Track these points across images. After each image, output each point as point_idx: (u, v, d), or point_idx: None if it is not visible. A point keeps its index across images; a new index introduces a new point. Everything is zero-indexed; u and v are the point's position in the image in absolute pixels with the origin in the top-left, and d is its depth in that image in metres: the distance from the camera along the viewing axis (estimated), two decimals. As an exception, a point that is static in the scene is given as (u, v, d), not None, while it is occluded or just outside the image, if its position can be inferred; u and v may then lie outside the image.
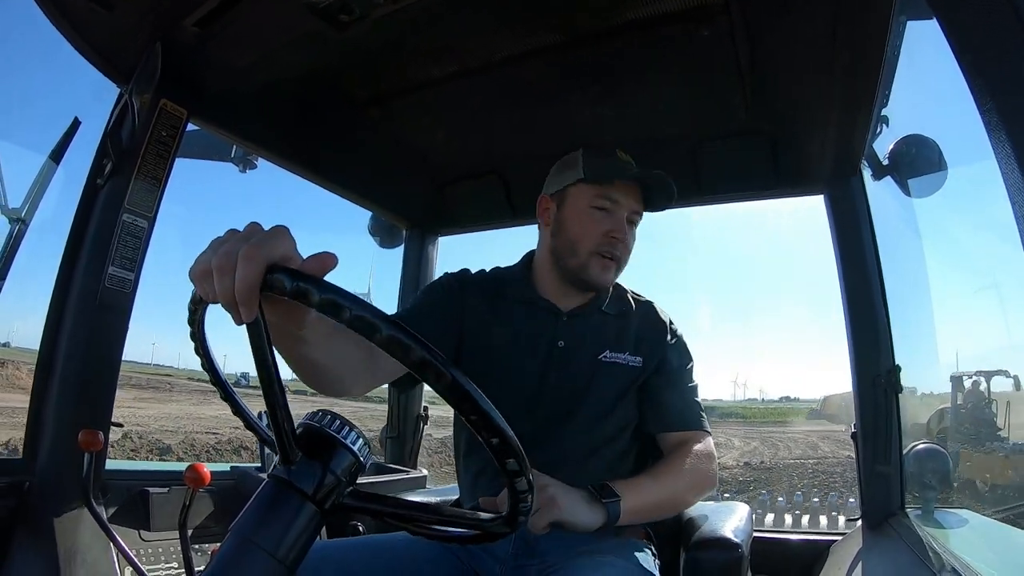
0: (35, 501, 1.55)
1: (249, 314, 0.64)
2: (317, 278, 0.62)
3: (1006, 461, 13.19)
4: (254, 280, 0.63)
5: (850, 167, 1.89)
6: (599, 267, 1.44)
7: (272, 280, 0.62)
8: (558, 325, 1.49)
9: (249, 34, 1.54)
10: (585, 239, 1.44)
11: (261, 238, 0.65)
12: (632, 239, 1.48)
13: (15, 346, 64.51)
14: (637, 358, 1.48)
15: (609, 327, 1.51)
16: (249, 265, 0.63)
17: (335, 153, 2.20)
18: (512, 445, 0.64)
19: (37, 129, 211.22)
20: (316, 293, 0.60)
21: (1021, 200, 0.61)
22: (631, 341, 1.50)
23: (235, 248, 0.64)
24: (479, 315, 1.50)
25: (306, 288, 0.60)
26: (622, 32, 1.55)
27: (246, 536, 0.65)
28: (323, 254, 0.67)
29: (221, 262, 0.65)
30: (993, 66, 0.66)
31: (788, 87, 1.72)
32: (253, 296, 0.63)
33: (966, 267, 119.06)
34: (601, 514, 1.23)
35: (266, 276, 0.62)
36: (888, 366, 1.81)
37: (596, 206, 1.44)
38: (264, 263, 0.63)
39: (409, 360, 0.59)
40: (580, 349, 1.47)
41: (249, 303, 0.64)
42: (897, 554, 1.54)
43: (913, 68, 1.56)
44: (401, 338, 0.59)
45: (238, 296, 0.64)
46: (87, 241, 1.63)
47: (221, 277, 0.65)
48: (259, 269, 0.63)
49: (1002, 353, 26.49)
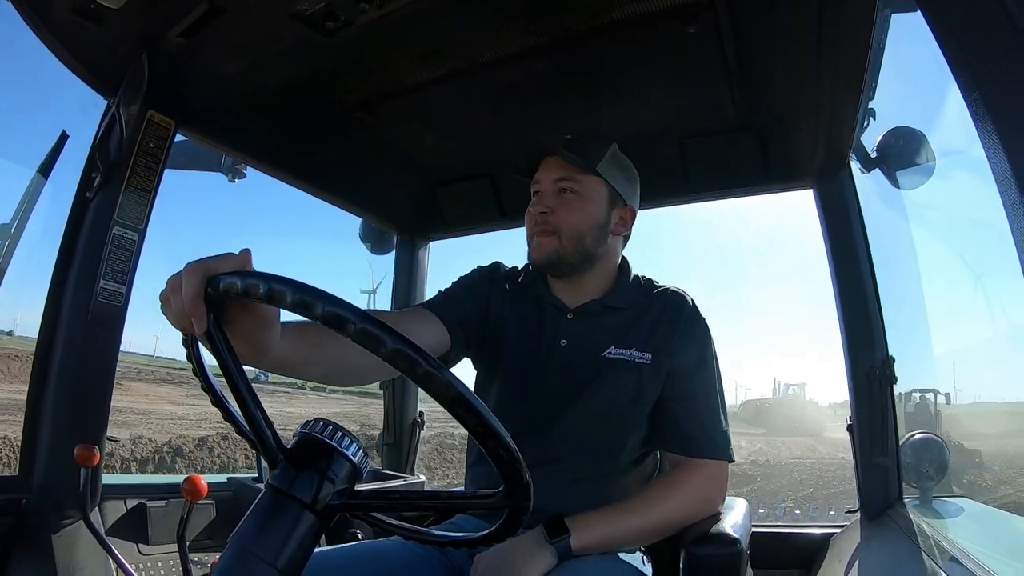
0: (32, 518, 1.54)
1: (200, 325, 0.69)
2: (259, 272, 0.65)
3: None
4: (196, 290, 0.68)
5: (839, 161, 1.90)
6: (534, 245, 1.44)
7: (221, 284, 0.66)
8: (562, 323, 1.47)
9: (235, 43, 1.54)
10: (527, 228, 1.48)
11: (206, 258, 0.71)
12: (567, 205, 1.43)
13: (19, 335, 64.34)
14: (645, 354, 1.39)
15: (617, 322, 1.45)
16: (190, 278, 0.68)
17: (324, 160, 2.20)
18: (501, 439, 0.64)
19: (24, 143, 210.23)
20: (262, 284, 0.63)
21: (1009, 188, 0.62)
22: (640, 336, 1.42)
23: (183, 269, 0.70)
24: (501, 309, 1.52)
25: (253, 283, 0.63)
26: (608, 31, 1.55)
27: (245, 547, 0.64)
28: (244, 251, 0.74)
29: (173, 281, 0.71)
30: (978, 57, 0.67)
31: (775, 82, 1.73)
32: (198, 305, 0.68)
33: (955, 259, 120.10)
34: (550, 556, 1.19)
35: (212, 285, 0.67)
36: (882, 358, 1.82)
37: (533, 193, 1.48)
38: (203, 274, 0.68)
39: (383, 352, 0.59)
40: (583, 347, 1.43)
41: (197, 313, 0.68)
42: (896, 544, 1.54)
43: (899, 60, 1.57)
44: (339, 312, 0.59)
45: (187, 310, 0.68)
46: (77, 255, 1.62)
47: (172, 298, 0.71)
48: (200, 279, 0.68)
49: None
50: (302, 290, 0.60)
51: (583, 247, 1.43)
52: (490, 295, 1.53)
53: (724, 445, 1.38)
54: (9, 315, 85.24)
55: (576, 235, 1.42)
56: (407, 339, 0.59)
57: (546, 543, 1.19)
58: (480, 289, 1.53)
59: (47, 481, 1.56)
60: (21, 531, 1.52)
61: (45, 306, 1.64)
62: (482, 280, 1.56)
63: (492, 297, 1.53)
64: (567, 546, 1.20)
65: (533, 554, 1.18)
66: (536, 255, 1.44)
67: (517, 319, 1.50)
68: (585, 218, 1.43)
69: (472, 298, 1.51)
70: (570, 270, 1.46)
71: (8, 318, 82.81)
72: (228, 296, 0.66)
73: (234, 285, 0.65)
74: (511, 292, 1.54)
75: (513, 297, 1.53)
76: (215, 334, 0.71)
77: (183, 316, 0.70)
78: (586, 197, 1.43)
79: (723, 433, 1.39)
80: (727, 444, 1.39)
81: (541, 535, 1.21)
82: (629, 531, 1.28)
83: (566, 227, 1.41)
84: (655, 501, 1.31)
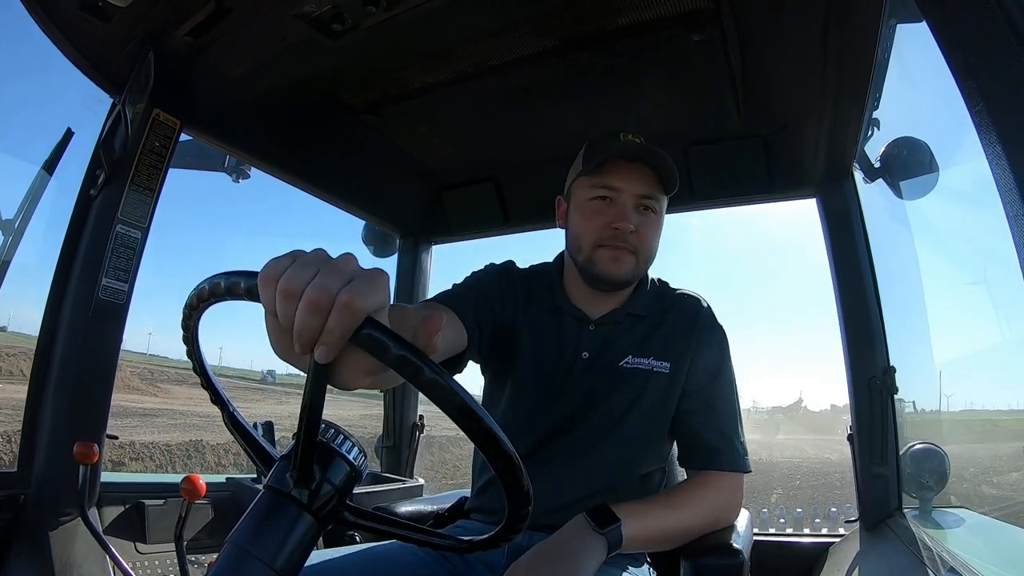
0: (30, 514, 1.54)
1: (328, 357, 0.59)
2: (422, 353, 0.59)
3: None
4: (349, 331, 0.58)
5: (842, 170, 1.90)
6: (607, 257, 1.33)
7: (373, 340, 0.58)
8: (583, 335, 1.41)
9: (242, 44, 1.54)
10: (587, 233, 1.35)
11: (361, 286, 0.58)
12: (649, 226, 1.35)
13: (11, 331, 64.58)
14: (664, 363, 1.36)
15: (637, 331, 1.41)
16: (349, 315, 0.57)
17: (329, 162, 2.21)
18: (507, 453, 0.64)
19: (30, 140, 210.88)
20: (426, 371, 0.58)
21: (1013, 200, 0.62)
22: (659, 344, 1.38)
23: (331, 285, 0.58)
24: (514, 311, 1.44)
25: (415, 363, 0.58)
26: (615, 38, 1.56)
27: (243, 547, 0.64)
28: (432, 316, 0.65)
29: (316, 297, 0.57)
30: (983, 68, 0.67)
31: (780, 91, 1.73)
32: (342, 344, 0.58)
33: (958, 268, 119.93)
34: (601, 546, 1.11)
35: (362, 331, 0.58)
36: (883, 367, 1.81)
37: (596, 196, 1.34)
38: (363, 316, 0.58)
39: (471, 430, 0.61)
40: (604, 359, 1.38)
41: (334, 349, 0.59)
42: (895, 555, 1.54)
43: (903, 71, 1.57)
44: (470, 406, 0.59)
45: (326, 339, 0.58)
46: (81, 252, 1.62)
47: (310, 314, 0.57)
48: (357, 322, 0.58)
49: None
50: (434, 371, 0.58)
51: (647, 268, 1.41)
52: (504, 297, 1.44)
53: (744, 456, 1.35)
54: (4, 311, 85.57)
55: (651, 257, 1.38)
56: (412, 345, 0.59)
57: (595, 532, 1.11)
58: (495, 289, 1.44)
59: (46, 478, 1.56)
60: (19, 527, 1.52)
61: (47, 302, 1.64)
62: (498, 280, 1.47)
63: (506, 299, 1.44)
64: (619, 536, 1.12)
65: (585, 546, 1.10)
66: (612, 270, 1.33)
67: (532, 326, 1.43)
68: (658, 240, 1.39)
69: (487, 298, 1.41)
70: (626, 287, 1.42)
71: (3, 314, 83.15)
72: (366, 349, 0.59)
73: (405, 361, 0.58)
74: (525, 295, 1.46)
75: (527, 301, 1.46)
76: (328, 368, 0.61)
77: (312, 342, 0.59)
78: (661, 217, 1.38)
79: (742, 444, 1.37)
80: (746, 455, 1.36)
81: (586, 525, 1.12)
82: (675, 527, 1.23)
83: (645, 249, 1.35)
84: (694, 500, 1.27)
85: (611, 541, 1.12)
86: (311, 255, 0.61)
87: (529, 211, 2.40)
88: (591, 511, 1.15)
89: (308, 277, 0.58)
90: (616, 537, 1.12)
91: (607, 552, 1.11)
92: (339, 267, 0.60)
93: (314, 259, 0.61)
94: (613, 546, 1.12)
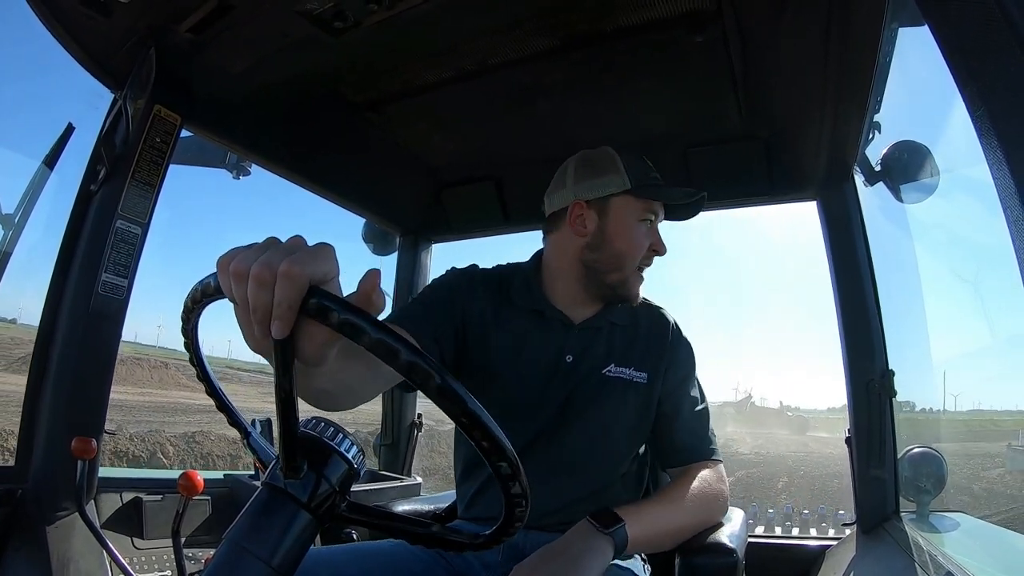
0: (28, 509, 1.54)
1: (283, 331, 0.60)
2: (369, 315, 0.60)
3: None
4: (295, 299, 0.59)
5: (843, 173, 1.90)
6: (638, 282, 1.42)
7: (318, 307, 0.59)
8: (568, 338, 1.42)
9: (243, 40, 1.54)
10: (633, 254, 1.38)
11: (302, 257, 0.60)
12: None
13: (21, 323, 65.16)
14: (642, 373, 1.41)
15: (617, 339, 1.44)
16: (290, 284, 0.59)
17: (329, 159, 2.20)
18: (505, 451, 0.64)
19: (30, 134, 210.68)
20: (370, 331, 0.58)
21: (1013, 205, 0.62)
22: (637, 354, 1.43)
23: (275, 260, 0.60)
24: (483, 318, 1.43)
25: (359, 324, 0.59)
26: (616, 37, 1.55)
27: (240, 544, 0.64)
28: (369, 275, 0.66)
29: (260, 271, 0.60)
30: (984, 72, 0.67)
31: (781, 93, 1.73)
32: (291, 315, 0.60)
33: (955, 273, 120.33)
34: (607, 546, 1.11)
35: (309, 300, 0.60)
36: (881, 370, 1.81)
37: (642, 219, 1.39)
38: (306, 283, 0.59)
39: (431, 386, 0.59)
40: (586, 363, 1.40)
41: (286, 321, 0.60)
42: (891, 558, 1.54)
43: (905, 74, 1.56)
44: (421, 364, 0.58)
45: (276, 312, 0.60)
46: (80, 247, 1.62)
47: (258, 289, 0.60)
48: (301, 289, 0.59)
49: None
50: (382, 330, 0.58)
51: None
52: (468, 303, 1.43)
53: (714, 446, 1.45)
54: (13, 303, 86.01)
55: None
56: (424, 353, 0.59)
57: (600, 533, 1.12)
58: (455, 298, 1.44)
59: (43, 472, 1.56)
60: (16, 521, 1.52)
61: (47, 297, 1.64)
62: (458, 287, 1.46)
63: (471, 305, 1.43)
64: (624, 536, 1.13)
65: (591, 547, 1.10)
66: (635, 292, 1.42)
67: (509, 330, 1.42)
68: None
69: (445, 309, 1.41)
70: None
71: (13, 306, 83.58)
72: (318, 318, 0.60)
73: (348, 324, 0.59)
74: (495, 299, 1.45)
75: (498, 305, 1.45)
76: (286, 344, 0.62)
77: (266, 318, 0.61)
78: None
79: (711, 436, 1.46)
80: (715, 445, 1.46)
81: (590, 527, 1.13)
82: (674, 523, 1.26)
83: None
84: (686, 495, 1.30)
85: (617, 541, 1.13)
86: (263, 242, 0.64)
87: (529, 210, 2.39)
88: (594, 514, 1.16)
89: (255, 258, 0.61)
90: (622, 537, 1.13)
91: (613, 553, 1.12)
92: (283, 245, 0.63)
93: (262, 243, 0.64)
94: (619, 547, 1.13)
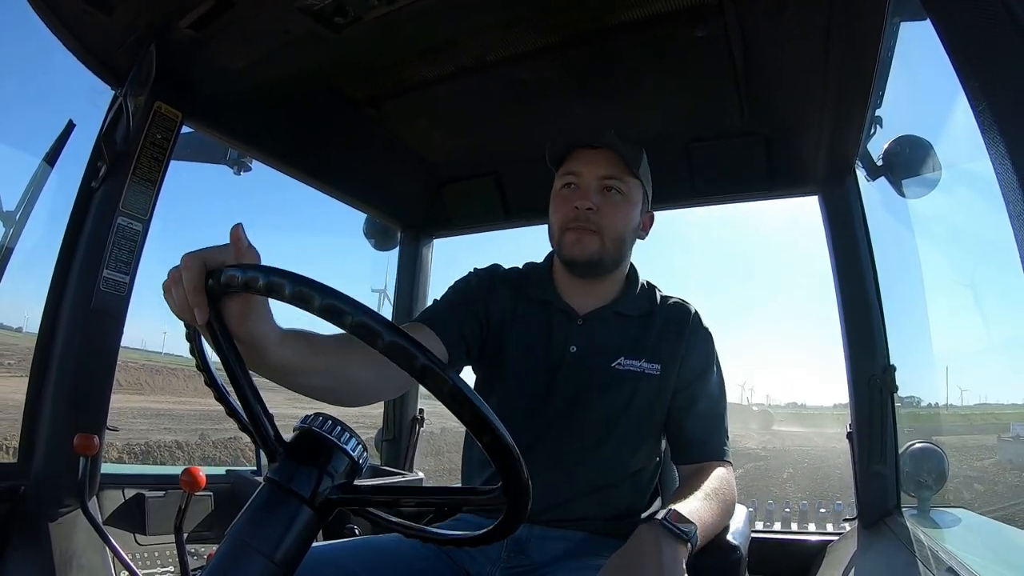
0: (30, 505, 1.54)
1: (202, 315, 0.71)
2: (259, 265, 0.68)
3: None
4: (196, 281, 0.70)
5: (844, 167, 1.89)
6: (571, 239, 1.35)
7: (223, 277, 0.67)
8: (572, 329, 1.42)
9: (244, 36, 1.53)
10: (556, 219, 1.39)
11: (200, 250, 0.73)
12: (613, 206, 1.37)
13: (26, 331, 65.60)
14: (655, 365, 1.38)
15: (627, 331, 1.42)
16: (189, 269, 0.70)
17: (330, 155, 2.20)
18: (501, 437, 0.63)
19: (31, 131, 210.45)
20: (262, 277, 0.63)
21: (1016, 199, 0.61)
22: (650, 346, 1.40)
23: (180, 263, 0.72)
24: (502, 314, 1.45)
25: (252, 275, 0.64)
26: (617, 33, 1.55)
27: (242, 539, 0.64)
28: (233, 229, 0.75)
29: (171, 275, 0.73)
30: (987, 67, 0.66)
31: (783, 88, 1.72)
32: (199, 295, 0.70)
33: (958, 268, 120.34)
34: (684, 548, 1.05)
35: (214, 277, 0.69)
36: (883, 365, 1.81)
37: (564, 184, 1.40)
38: (202, 265, 0.70)
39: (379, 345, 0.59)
40: (593, 355, 1.39)
41: (198, 303, 0.71)
42: (893, 554, 1.54)
43: (907, 69, 1.56)
44: (336, 304, 0.60)
45: (189, 299, 0.71)
46: (82, 244, 1.62)
47: (174, 288, 0.72)
48: (199, 270, 0.70)
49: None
50: (300, 282, 0.61)
51: (621, 251, 1.41)
52: (489, 301, 1.46)
53: (727, 447, 1.39)
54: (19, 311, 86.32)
55: (619, 238, 1.38)
56: (404, 332, 0.59)
57: (677, 537, 1.05)
58: (478, 297, 1.46)
59: (46, 469, 1.57)
60: (18, 518, 1.53)
61: (48, 294, 1.64)
62: (480, 286, 1.48)
63: (492, 303, 1.46)
64: (697, 538, 1.07)
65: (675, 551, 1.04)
66: (576, 251, 1.36)
67: (522, 325, 1.44)
68: (629, 221, 1.40)
69: (470, 308, 1.43)
70: (602, 272, 1.42)
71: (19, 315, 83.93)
72: (229, 288, 0.67)
73: (235, 278, 0.65)
74: (513, 296, 1.47)
75: (516, 302, 1.47)
76: (215, 325, 0.73)
77: (185, 307, 0.72)
78: (630, 199, 1.39)
79: (725, 436, 1.40)
80: (728, 446, 1.40)
81: (662, 529, 1.05)
82: (716, 518, 1.20)
83: (610, 228, 1.36)
84: (717, 489, 1.25)
85: (693, 544, 1.06)
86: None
87: (529, 205, 2.40)
88: (665, 516, 1.08)
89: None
90: (696, 540, 1.07)
91: (688, 556, 1.06)
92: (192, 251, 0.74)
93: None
94: (693, 548, 1.07)
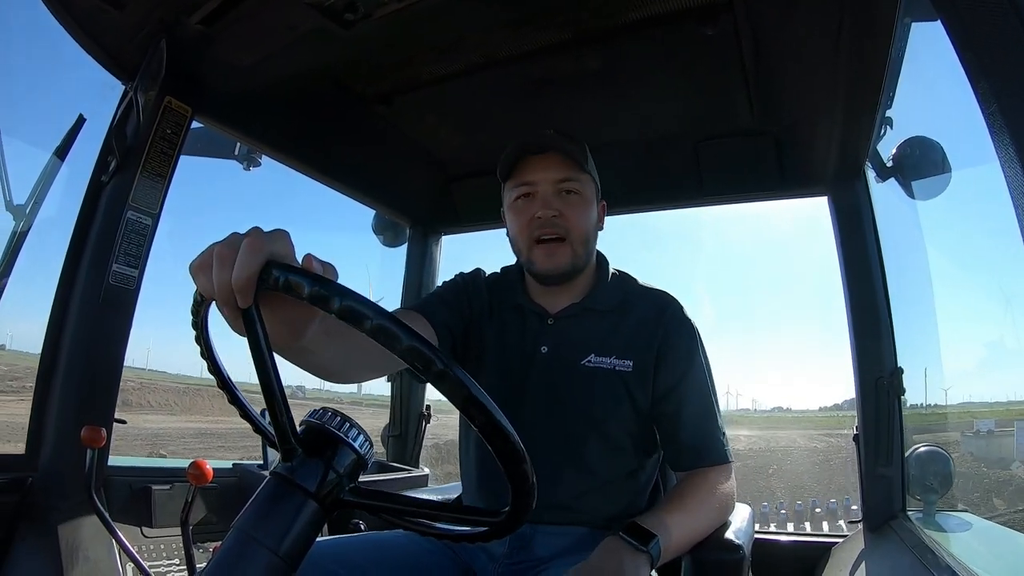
0: (38, 497, 1.55)
1: (245, 301, 0.64)
2: (309, 272, 0.63)
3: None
4: (254, 268, 0.63)
5: (854, 168, 1.89)
6: (542, 254, 1.34)
7: (268, 273, 0.63)
8: (543, 330, 1.41)
9: (254, 32, 1.54)
10: (519, 233, 1.38)
11: (260, 234, 0.66)
12: (574, 207, 1.35)
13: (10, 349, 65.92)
14: (626, 361, 1.34)
15: (598, 328, 1.39)
16: (251, 255, 0.63)
17: (340, 151, 2.21)
18: (512, 442, 0.64)
19: (42, 125, 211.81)
20: (307, 286, 0.61)
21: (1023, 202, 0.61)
22: (621, 342, 1.36)
23: (238, 240, 0.65)
24: (480, 317, 1.46)
25: (298, 281, 0.61)
26: (627, 31, 1.55)
27: (248, 533, 0.65)
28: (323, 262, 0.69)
29: (223, 251, 0.65)
30: (997, 68, 0.66)
31: (792, 88, 1.72)
32: (251, 284, 0.63)
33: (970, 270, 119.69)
34: (645, 562, 1.07)
35: (270, 274, 0.63)
36: (890, 368, 1.80)
37: (518, 196, 1.37)
38: (266, 255, 0.63)
39: (398, 349, 0.59)
40: (563, 354, 1.37)
41: (246, 291, 0.64)
42: (898, 557, 1.54)
43: (918, 70, 1.55)
44: (389, 326, 0.59)
45: (236, 284, 0.63)
46: (91, 238, 1.63)
47: (221, 267, 0.65)
48: (260, 259, 0.63)
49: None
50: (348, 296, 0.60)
51: (588, 250, 1.39)
52: (471, 303, 1.47)
53: (724, 448, 1.33)
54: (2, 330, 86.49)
55: (584, 238, 1.37)
56: (422, 337, 0.59)
57: (637, 550, 1.07)
58: (461, 296, 1.47)
59: (53, 461, 1.58)
60: (26, 510, 1.54)
61: (57, 287, 1.65)
62: (464, 288, 1.49)
63: (472, 306, 1.46)
64: (659, 549, 1.09)
65: (636, 563, 1.06)
66: (549, 265, 1.35)
67: (498, 329, 1.44)
68: (589, 219, 1.38)
69: (455, 305, 1.44)
70: (577, 276, 1.40)
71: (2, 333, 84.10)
72: (286, 292, 0.63)
73: (301, 287, 0.61)
74: (491, 301, 1.48)
75: (492, 307, 1.47)
76: (255, 315, 0.66)
77: (226, 290, 0.64)
78: (586, 197, 1.37)
79: (721, 437, 1.34)
80: (726, 446, 1.34)
81: (623, 542, 1.08)
82: (693, 530, 1.20)
83: (575, 231, 1.35)
84: (701, 500, 1.24)
85: (654, 556, 1.08)
86: (225, 238, 0.69)
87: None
88: (625, 529, 1.10)
89: (216, 248, 0.66)
90: (657, 552, 1.08)
91: (650, 569, 1.08)
92: (243, 234, 0.67)
93: (225, 238, 0.68)
94: (655, 562, 1.09)
